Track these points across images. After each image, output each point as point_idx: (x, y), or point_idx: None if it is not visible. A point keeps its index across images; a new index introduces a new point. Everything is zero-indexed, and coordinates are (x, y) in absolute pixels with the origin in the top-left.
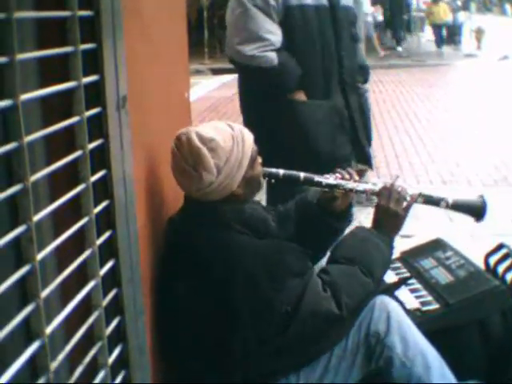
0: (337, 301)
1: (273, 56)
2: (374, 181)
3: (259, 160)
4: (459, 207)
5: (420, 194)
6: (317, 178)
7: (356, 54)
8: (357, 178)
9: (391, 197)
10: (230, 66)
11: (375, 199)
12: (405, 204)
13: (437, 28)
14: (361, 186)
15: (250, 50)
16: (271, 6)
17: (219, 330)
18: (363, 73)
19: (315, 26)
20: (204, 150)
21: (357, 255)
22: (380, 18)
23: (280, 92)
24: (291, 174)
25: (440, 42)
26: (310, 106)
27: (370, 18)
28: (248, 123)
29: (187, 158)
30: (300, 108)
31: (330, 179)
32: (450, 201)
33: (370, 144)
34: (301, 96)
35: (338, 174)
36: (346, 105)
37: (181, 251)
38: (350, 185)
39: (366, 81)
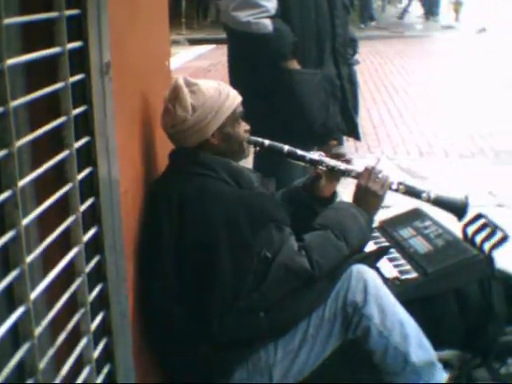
0: (309, 259)
1: (267, 23)
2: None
3: (244, 125)
4: (440, 203)
5: (402, 183)
6: (300, 152)
7: (348, 24)
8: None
9: (371, 177)
10: (208, 36)
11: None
12: (384, 187)
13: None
14: (343, 166)
15: (244, 16)
16: None
17: (200, 273)
18: (353, 45)
19: None
20: (184, 89)
21: (330, 221)
22: None
23: (274, 59)
24: (276, 145)
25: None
26: (305, 74)
27: None
28: (239, 91)
29: (170, 94)
30: (295, 77)
31: (313, 155)
32: (433, 195)
33: (357, 114)
34: (294, 64)
35: (322, 152)
36: (338, 74)
37: (164, 201)
38: (333, 162)
39: (355, 53)
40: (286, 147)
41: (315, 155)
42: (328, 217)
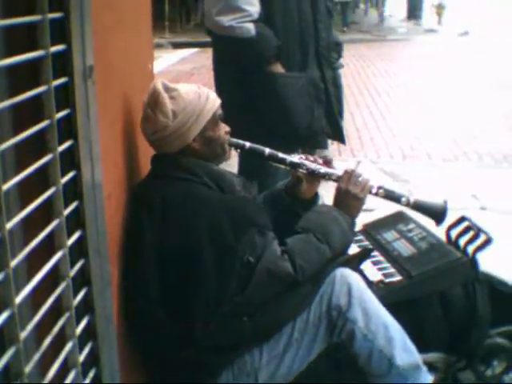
0: (292, 263)
1: (250, 27)
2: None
3: (224, 126)
4: (420, 208)
5: (381, 187)
6: (281, 155)
7: (331, 28)
8: (320, 161)
9: (351, 179)
10: (191, 40)
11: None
12: (365, 190)
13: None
14: (323, 169)
15: (227, 20)
16: None
17: (183, 278)
18: (337, 48)
19: (296, 2)
20: (164, 95)
21: (312, 225)
22: None
23: (258, 63)
24: (257, 147)
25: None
26: (289, 78)
27: None
28: (223, 95)
29: (149, 101)
30: (279, 81)
31: (294, 158)
32: (412, 200)
33: (342, 118)
34: (278, 68)
35: (302, 156)
36: (322, 78)
37: (146, 205)
38: (313, 166)
39: (339, 56)
40: (267, 150)
41: (295, 158)
42: (310, 220)
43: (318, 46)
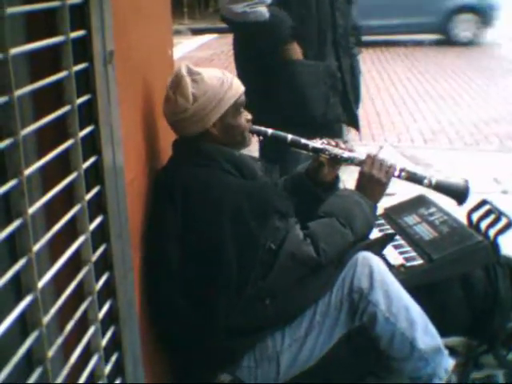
0: (315, 247)
1: (263, 10)
2: (359, 150)
3: (246, 114)
4: (442, 188)
5: (404, 169)
6: (304, 141)
7: (350, 15)
8: (343, 146)
9: (374, 164)
10: (210, 25)
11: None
12: (387, 173)
13: None
14: (346, 154)
15: (240, 7)
16: None
17: (206, 265)
18: (356, 34)
19: None
20: (186, 78)
21: (335, 209)
22: None
23: (274, 44)
24: (279, 134)
25: None
26: (307, 67)
27: None
28: (243, 81)
29: (172, 83)
30: (297, 68)
31: (316, 143)
32: (434, 180)
33: (357, 106)
34: (295, 48)
35: (324, 141)
36: (339, 66)
37: (168, 191)
38: (336, 151)
39: (358, 42)
40: (290, 136)
41: (318, 143)
42: (333, 204)
43: (335, 35)
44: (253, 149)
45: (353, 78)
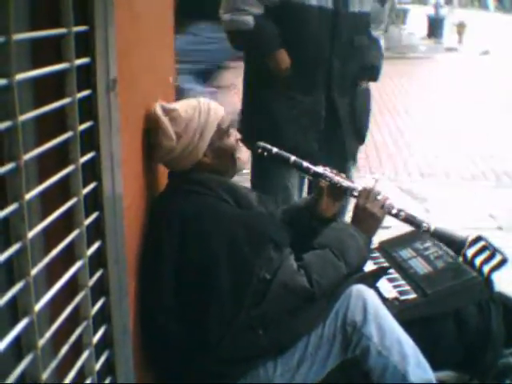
0: (308, 278)
1: (248, 19)
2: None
3: (234, 134)
4: (439, 236)
5: (402, 210)
6: (305, 164)
7: (356, 58)
8: (343, 176)
9: (369, 197)
10: None
11: None
12: (382, 207)
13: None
14: (345, 183)
15: (229, 15)
16: None
17: (200, 291)
18: (369, 73)
19: (313, 28)
20: (163, 119)
21: (330, 241)
22: None
23: (261, 53)
24: (283, 154)
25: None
26: (290, 100)
27: None
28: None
29: (151, 128)
30: (278, 98)
31: (318, 168)
32: (432, 227)
33: (362, 141)
34: (283, 55)
35: (326, 168)
36: (330, 105)
37: (165, 219)
38: (336, 178)
39: (372, 79)
40: (293, 157)
41: (319, 169)
42: (327, 236)
43: (328, 78)
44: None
45: (354, 116)
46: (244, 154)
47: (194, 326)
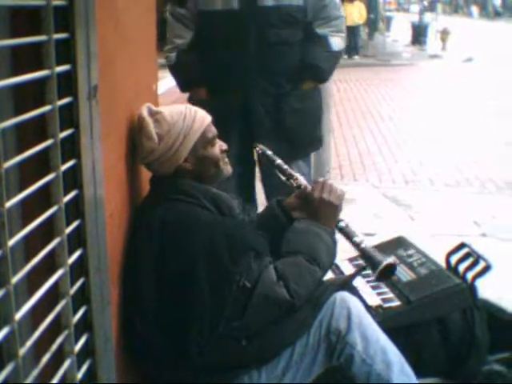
0: (287, 289)
1: (173, 55)
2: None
3: (221, 145)
4: (365, 254)
5: (343, 220)
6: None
7: (280, 55)
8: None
9: (324, 188)
10: None
11: None
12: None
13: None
14: (301, 181)
15: (166, 50)
16: (181, 14)
17: (179, 298)
18: (310, 72)
19: (222, 30)
20: (147, 120)
21: (299, 247)
22: None
23: (182, 88)
24: (273, 157)
25: (351, 49)
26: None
27: None
28: None
29: (135, 128)
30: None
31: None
32: (363, 245)
33: (301, 145)
34: (201, 93)
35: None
36: (246, 104)
37: (146, 227)
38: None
39: (316, 80)
40: (278, 160)
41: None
42: (294, 242)
43: (244, 76)
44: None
45: (280, 118)
46: (228, 166)
47: (174, 335)
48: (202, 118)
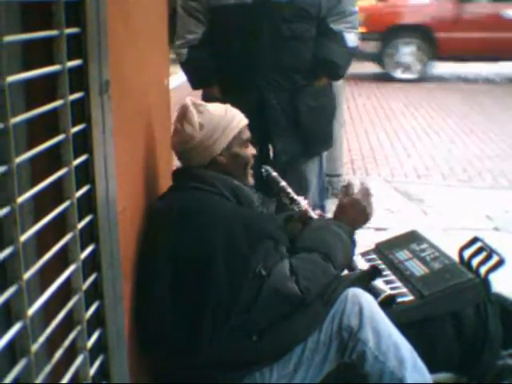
0: (298, 284)
1: (184, 52)
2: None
3: (251, 149)
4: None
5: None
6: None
7: (294, 50)
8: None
9: (367, 195)
10: None
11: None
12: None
13: None
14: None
15: (176, 46)
16: (193, 7)
17: (196, 285)
18: (325, 68)
19: (235, 25)
20: (192, 109)
21: (314, 243)
22: None
23: (195, 85)
24: (278, 178)
25: None
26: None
27: None
28: None
29: (178, 115)
30: None
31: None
32: (354, 263)
33: (313, 143)
34: (214, 92)
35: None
36: (261, 102)
37: (164, 216)
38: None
39: (331, 77)
40: (283, 183)
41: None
42: (310, 238)
43: (257, 72)
44: None
45: (296, 115)
46: (251, 177)
47: (188, 321)
48: (240, 118)
